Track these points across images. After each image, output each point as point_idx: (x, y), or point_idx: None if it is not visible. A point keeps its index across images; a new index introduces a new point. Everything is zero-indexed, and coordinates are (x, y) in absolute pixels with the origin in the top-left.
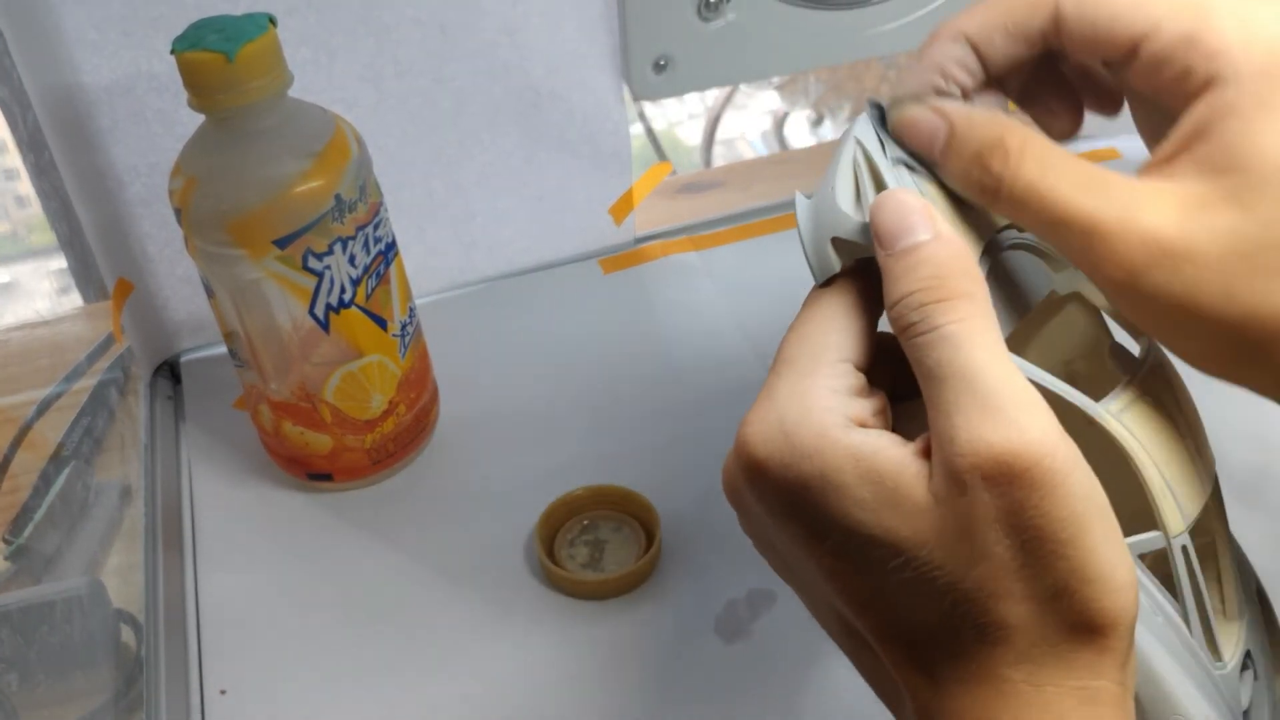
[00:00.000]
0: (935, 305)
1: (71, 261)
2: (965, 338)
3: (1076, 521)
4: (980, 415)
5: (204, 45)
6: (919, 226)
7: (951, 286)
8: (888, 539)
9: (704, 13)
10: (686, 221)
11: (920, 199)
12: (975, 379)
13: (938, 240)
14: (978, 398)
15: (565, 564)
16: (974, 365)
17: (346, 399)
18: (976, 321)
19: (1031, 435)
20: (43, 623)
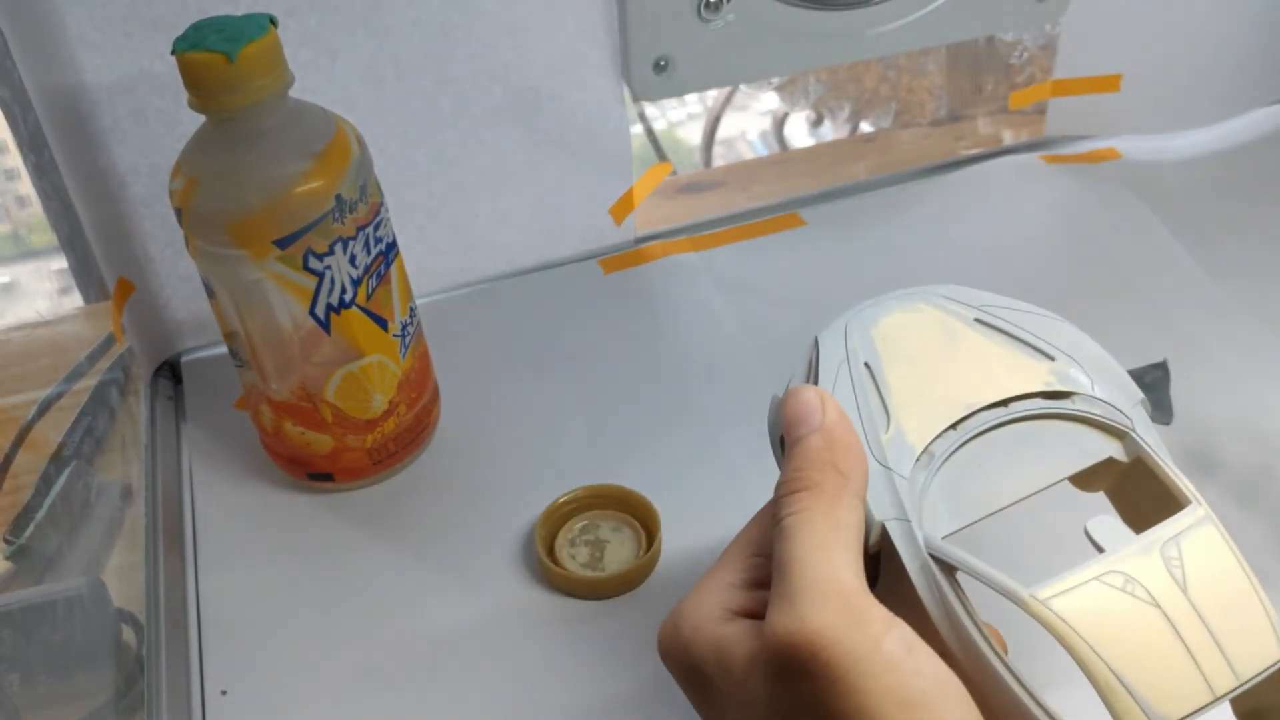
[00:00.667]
0: (786, 498)
1: (72, 262)
2: (793, 530)
3: (866, 713)
4: (777, 605)
5: (205, 46)
6: (808, 419)
7: (804, 476)
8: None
9: (704, 13)
10: (686, 221)
11: (819, 392)
12: (787, 570)
13: (816, 432)
14: (783, 588)
15: (565, 563)
16: (792, 557)
17: (347, 399)
18: (809, 514)
19: (811, 626)
20: (44, 623)
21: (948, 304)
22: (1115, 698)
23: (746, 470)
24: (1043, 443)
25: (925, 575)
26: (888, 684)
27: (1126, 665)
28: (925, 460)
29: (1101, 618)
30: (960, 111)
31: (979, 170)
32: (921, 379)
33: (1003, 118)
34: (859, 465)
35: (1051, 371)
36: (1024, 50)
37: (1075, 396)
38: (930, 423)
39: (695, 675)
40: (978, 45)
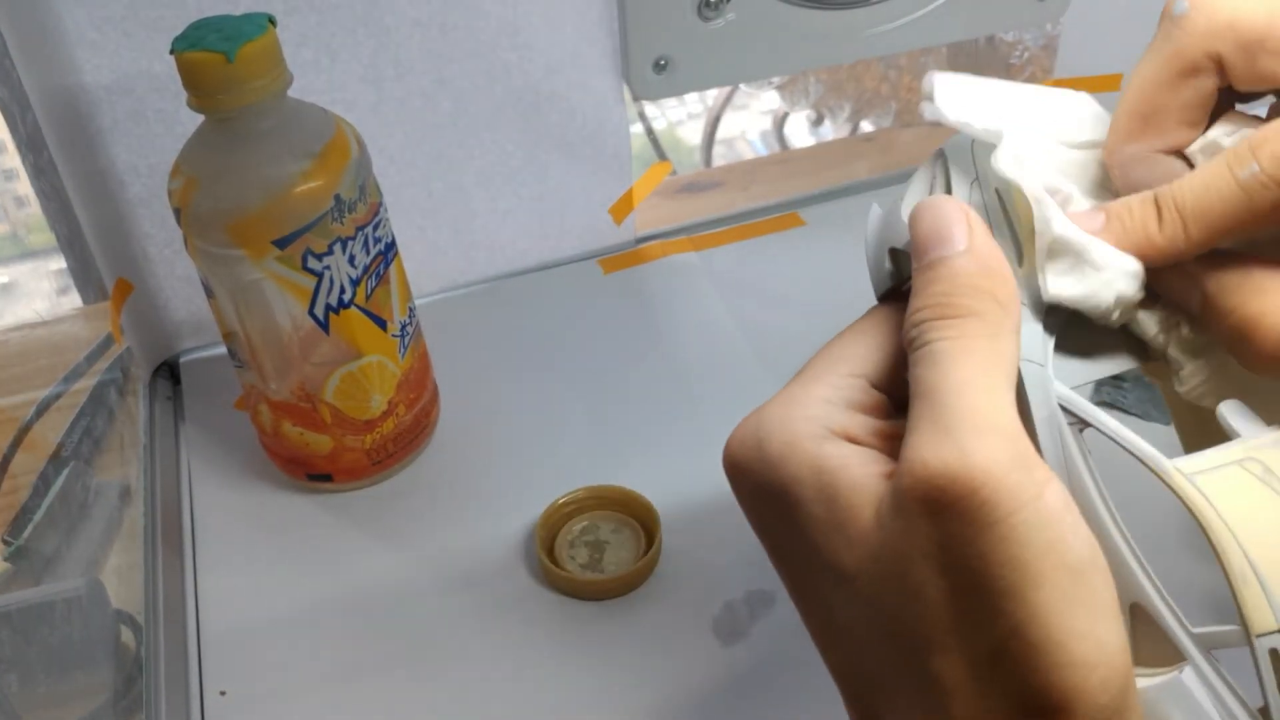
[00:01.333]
0: (934, 322)
1: (71, 262)
2: (948, 355)
3: (1020, 569)
4: (930, 435)
5: (204, 45)
6: (952, 238)
7: (957, 303)
8: (832, 564)
9: (704, 13)
10: (686, 221)
11: (962, 208)
12: (942, 397)
13: (966, 254)
14: (936, 417)
15: (565, 564)
16: (947, 384)
17: (346, 399)
18: (970, 341)
19: (974, 460)
20: (42, 623)
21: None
22: (1247, 588)
23: None
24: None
25: (1052, 427)
26: (1048, 538)
27: (1262, 556)
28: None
29: (1242, 504)
30: None
31: None
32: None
33: None
34: (1015, 298)
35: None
36: (1024, 50)
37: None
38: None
39: (782, 499)
40: (978, 45)
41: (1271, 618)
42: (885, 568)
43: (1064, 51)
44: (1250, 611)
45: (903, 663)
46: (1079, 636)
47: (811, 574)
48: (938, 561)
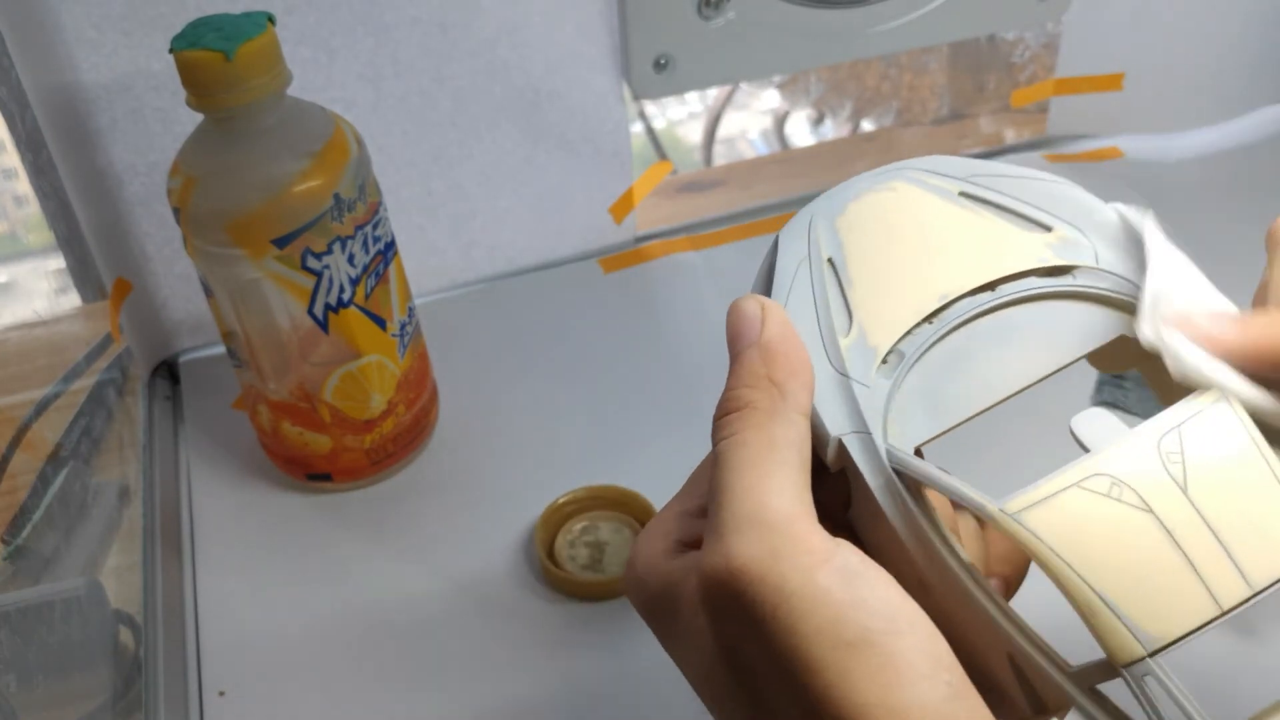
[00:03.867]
0: (718, 421)
1: (70, 261)
2: (724, 455)
3: (797, 657)
4: (708, 539)
5: (203, 44)
6: (745, 334)
7: (737, 396)
8: (687, 672)
9: (704, 11)
10: (687, 221)
11: (759, 302)
12: (718, 499)
13: (752, 346)
14: (712, 521)
15: (565, 565)
16: (721, 485)
17: (345, 399)
18: (743, 434)
19: (735, 562)
20: (41, 623)
21: (927, 178)
22: (1097, 619)
23: None
24: (1038, 327)
25: (890, 494)
26: (818, 623)
27: (1111, 582)
28: (893, 362)
29: (1081, 530)
30: (962, 110)
31: None
32: (892, 270)
33: (1005, 116)
34: (799, 375)
35: (1048, 244)
36: (1026, 49)
37: (1077, 270)
38: (899, 319)
39: (651, 613)
40: (980, 44)
41: (1134, 645)
42: (705, 669)
43: (1065, 50)
44: (1108, 641)
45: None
46: (868, 709)
47: (691, 682)
48: (733, 659)
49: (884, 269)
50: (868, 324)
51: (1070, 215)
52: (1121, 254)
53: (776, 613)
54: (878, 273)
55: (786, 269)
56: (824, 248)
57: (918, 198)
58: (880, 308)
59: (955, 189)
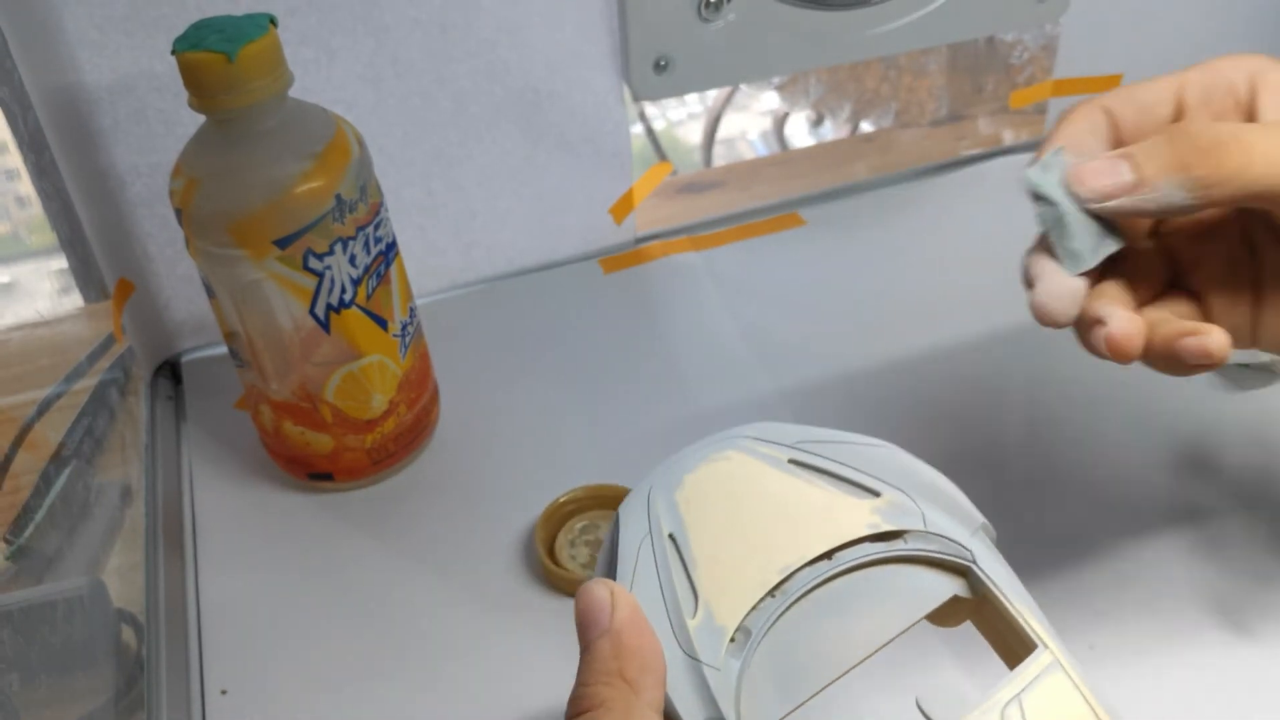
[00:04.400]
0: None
1: (72, 262)
2: None
3: None
4: None
5: (205, 46)
6: (596, 620)
7: (589, 693)
8: None
9: (704, 13)
10: (687, 221)
11: (608, 587)
12: None
13: (603, 636)
14: None
15: (566, 564)
16: None
17: (347, 399)
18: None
19: None
20: (44, 623)
21: (757, 446)
22: None
23: None
24: (876, 593)
25: None
26: None
27: None
28: (741, 640)
29: None
30: (961, 111)
31: (980, 170)
32: (732, 544)
33: (1003, 117)
34: (651, 670)
35: (876, 510)
36: (1024, 50)
37: (907, 535)
38: (744, 595)
39: None
40: (978, 45)
41: None
42: None
43: (1064, 52)
44: None
45: None
46: None
47: None
48: None
49: (724, 543)
50: (713, 603)
51: (896, 479)
52: (946, 516)
53: None
54: (719, 548)
55: (629, 547)
56: (665, 523)
57: (751, 468)
58: (724, 585)
59: (785, 456)
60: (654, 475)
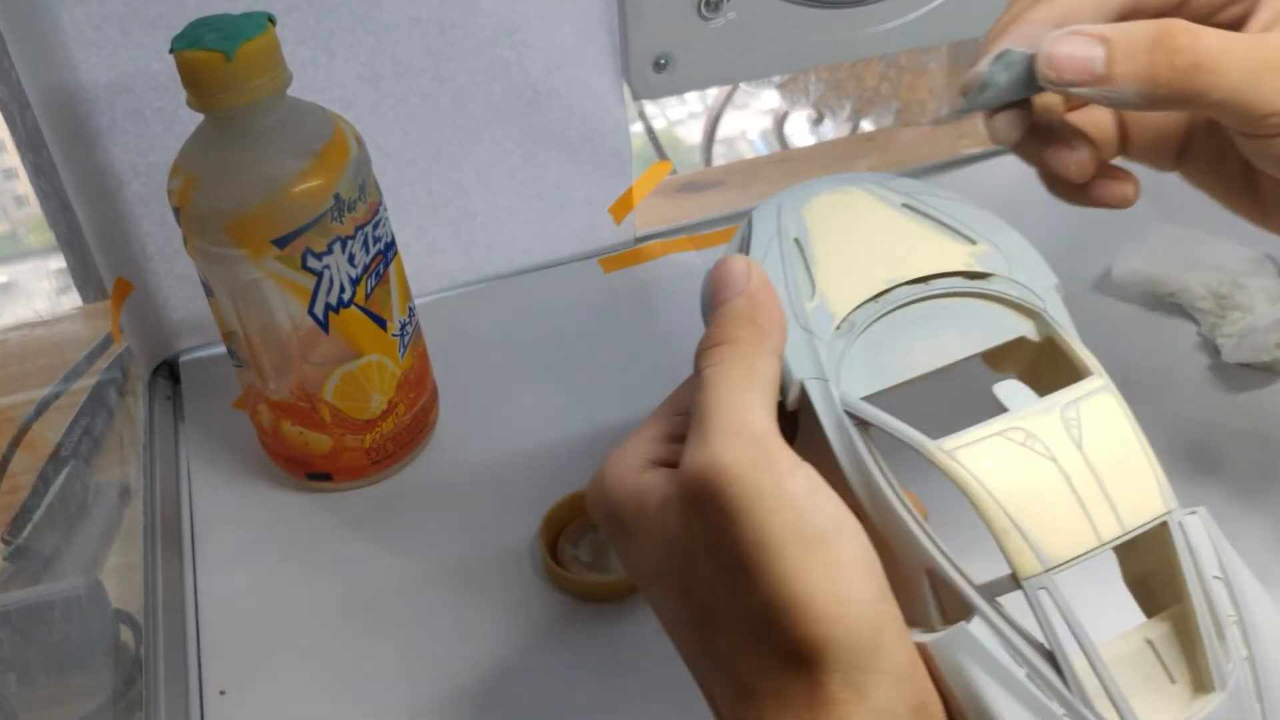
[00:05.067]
0: (704, 351)
1: (70, 261)
2: (711, 379)
3: (763, 547)
4: (692, 445)
5: (203, 44)
6: (733, 284)
7: (723, 333)
8: (650, 570)
9: (704, 11)
10: (687, 221)
11: (745, 260)
12: (703, 414)
13: (739, 295)
14: (697, 431)
15: (569, 565)
16: (707, 403)
17: (346, 399)
18: (729, 365)
19: (720, 461)
20: (42, 623)
21: (876, 189)
22: (1009, 539)
23: None
24: (960, 319)
25: (840, 431)
26: (786, 518)
27: (1022, 511)
28: (846, 328)
29: (1000, 468)
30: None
31: (980, 169)
32: (847, 254)
33: None
34: (778, 323)
35: (972, 254)
36: None
37: (993, 278)
38: (853, 294)
39: (616, 521)
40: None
41: (1035, 562)
42: (678, 564)
43: None
44: (1015, 559)
45: (707, 642)
46: (819, 594)
47: (644, 581)
48: (707, 550)
49: (841, 254)
50: (827, 294)
51: (990, 234)
52: (1027, 270)
53: (751, 509)
54: (836, 256)
55: (760, 242)
56: (791, 229)
57: (870, 203)
58: (838, 283)
59: (899, 200)
60: (782, 194)
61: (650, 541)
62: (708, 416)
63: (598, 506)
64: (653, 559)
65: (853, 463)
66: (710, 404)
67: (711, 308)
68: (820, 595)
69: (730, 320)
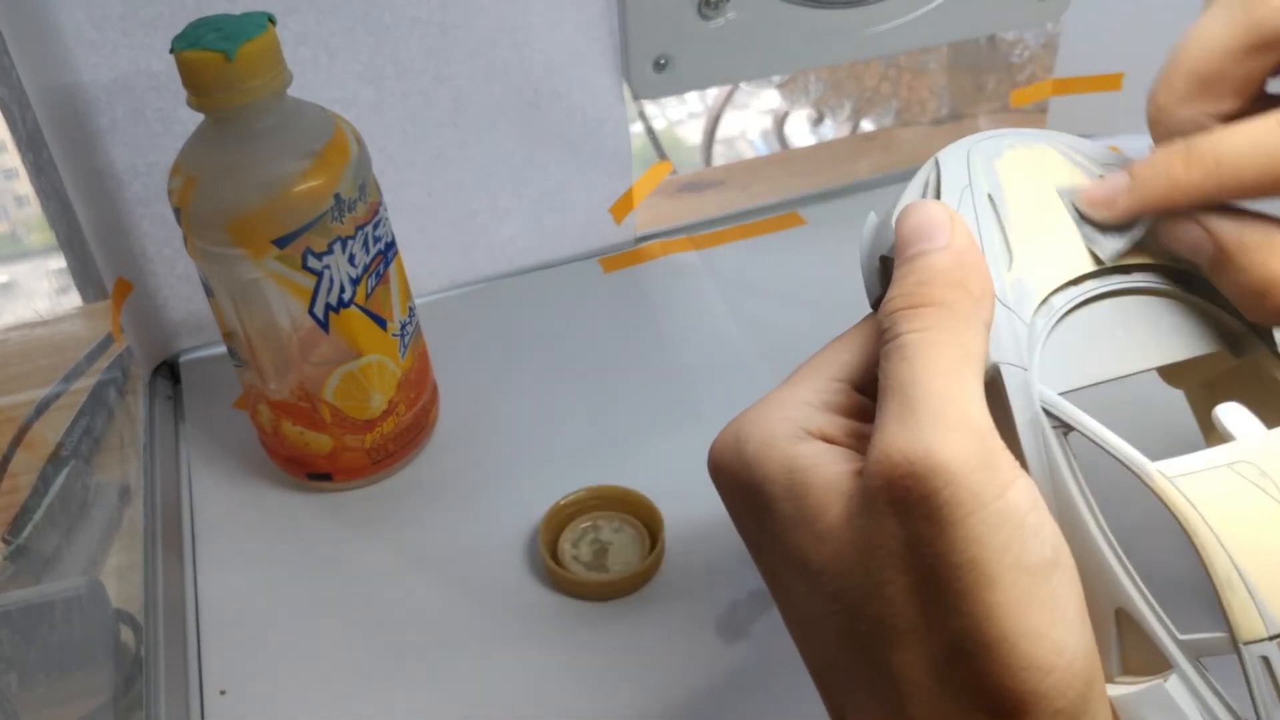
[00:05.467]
0: (905, 312)
1: (70, 261)
2: (917, 348)
3: (977, 570)
4: (897, 429)
5: (203, 44)
6: (933, 234)
7: (929, 294)
8: (800, 560)
9: (704, 11)
10: (687, 221)
11: (946, 209)
12: (909, 391)
13: (943, 249)
14: (904, 411)
15: (568, 565)
16: (915, 377)
17: (346, 399)
18: (939, 333)
19: (939, 457)
20: (42, 623)
21: (1072, 154)
22: (1233, 594)
23: None
24: (1160, 320)
25: (1034, 432)
26: (1006, 539)
27: (1251, 563)
28: (1045, 311)
29: (1230, 508)
30: (961, 110)
31: None
32: (1045, 224)
33: (1004, 116)
34: (989, 293)
35: None
36: (1025, 49)
37: (1194, 279)
38: (1052, 272)
39: (755, 496)
40: (979, 44)
41: (1260, 625)
42: (850, 563)
43: (1064, 50)
44: (1237, 618)
45: (864, 658)
46: (1035, 638)
47: (782, 570)
48: (900, 558)
49: (1039, 221)
50: (1026, 267)
51: None
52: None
53: (967, 520)
54: (1033, 223)
55: (951, 192)
56: (983, 184)
57: (1064, 166)
58: (1036, 255)
59: (1096, 171)
60: (968, 141)
61: (807, 528)
62: (918, 396)
63: (730, 474)
64: (807, 548)
65: (1044, 472)
66: (920, 380)
67: (902, 258)
68: (1035, 640)
69: (935, 278)
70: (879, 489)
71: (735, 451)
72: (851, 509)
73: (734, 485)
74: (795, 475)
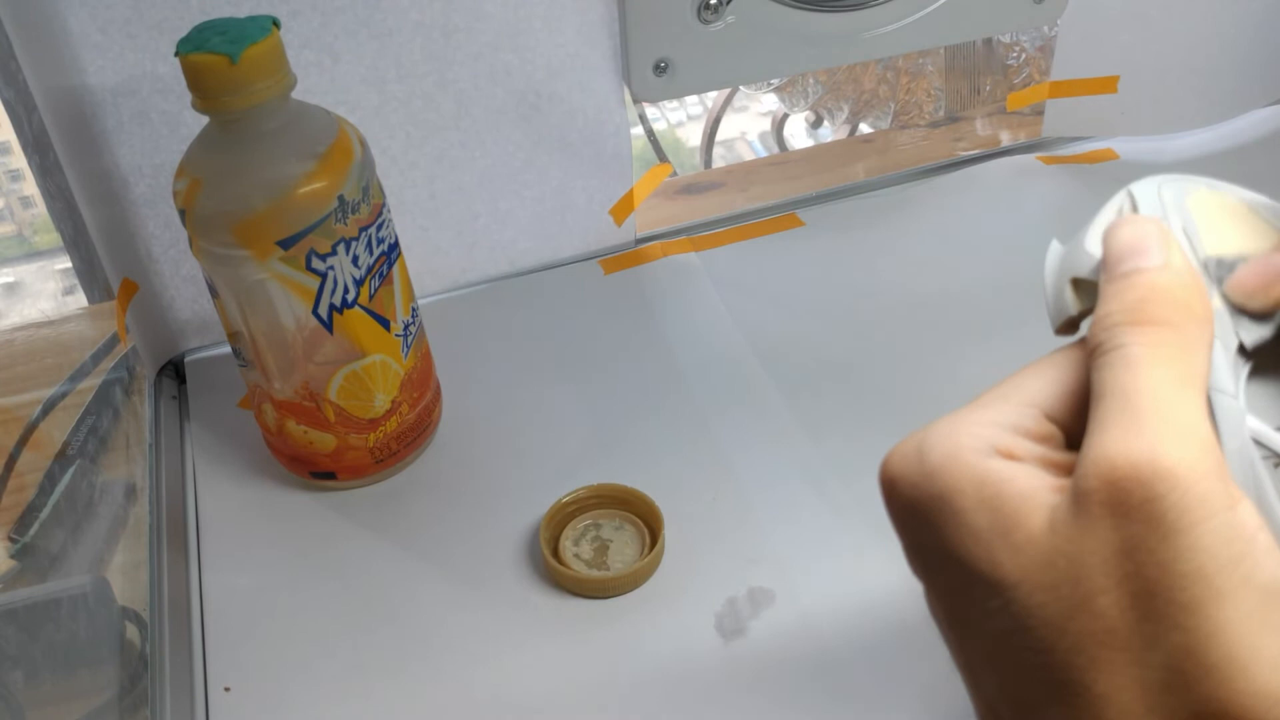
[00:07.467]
0: (1127, 326)
1: (76, 262)
2: (1143, 360)
3: (1205, 583)
4: (1120, 433)
5: (208, 47)
6: (1149, 251)
7: (1154, 312)
8: (990, 574)
9: (704, 15)
10: (687, 222)
11: (1160, 226)
12: (1134, 398)
13: (1164, 269)
14: (1127, 417)
15: (570, 563)
16: (1140, 385)
17: (350, 398)
18: (1166, 350)
19: (1167, 461)
20: (48, 620)
21: (1260, 206)
22: None
23: (747, 469)
24: None
25: (1243, 459)
26: (1237, 553)
27: None
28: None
29: None
30: (958, 113)
31: (977, 171)
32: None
33: (1001, 119)
34: (1211, 319)
35: None
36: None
37: None
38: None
39: (939, 508)
40: (976, 47)
41: None
42: (1054, 575)
43: (1061, 53)
44: None
45: (1062, 680)
46: (1266, 663)
47: (967, 587)
48: (1115, 568)
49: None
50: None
51: None
52: None
53: (1195, 528)
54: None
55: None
56: (1176, 219)
57: (1252, 217)
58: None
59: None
60: (1158, 178)
61: (1002, 538)
62: (1142, 402)
63: (909, 485)
64: (1001, 559)
65: (1255, 503)
66: (1145, 388)
67: (1115, 273)
68: (1267, 665)
69: (1159, 296)
70: (1094, 491)
71: (916, 463)
72: (1057, 518)
73: (912, 496)
74: (987, 488)
